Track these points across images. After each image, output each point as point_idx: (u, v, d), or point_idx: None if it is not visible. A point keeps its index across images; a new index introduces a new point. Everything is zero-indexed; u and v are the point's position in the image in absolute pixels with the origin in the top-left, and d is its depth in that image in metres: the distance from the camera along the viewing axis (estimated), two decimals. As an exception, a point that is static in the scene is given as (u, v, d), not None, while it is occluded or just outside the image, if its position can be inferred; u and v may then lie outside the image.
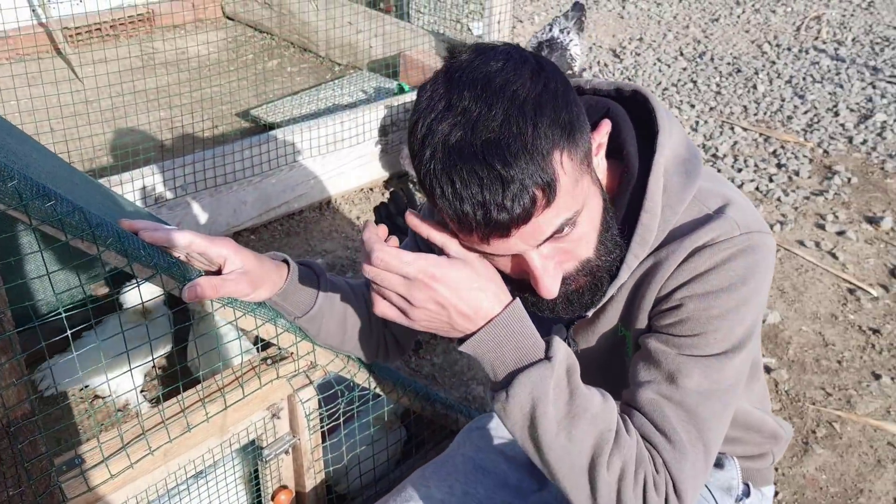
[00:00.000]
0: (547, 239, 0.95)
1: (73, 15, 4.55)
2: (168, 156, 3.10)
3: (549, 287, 0.98)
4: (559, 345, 0.99)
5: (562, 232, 0.95)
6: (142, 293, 1.99)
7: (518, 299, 1.00)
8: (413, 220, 1.00)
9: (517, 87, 0.88)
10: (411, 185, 3.39)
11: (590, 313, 1.11)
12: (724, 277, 1.02)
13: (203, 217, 3.07)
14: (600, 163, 1.03)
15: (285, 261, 1.26)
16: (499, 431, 1.54)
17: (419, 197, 2.98)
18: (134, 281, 2.01)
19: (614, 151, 1.09)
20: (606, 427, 0.99)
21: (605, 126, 1.02)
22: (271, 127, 3.73)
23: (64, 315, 1.13)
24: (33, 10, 4.41)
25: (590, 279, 1.04)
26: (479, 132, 0.86)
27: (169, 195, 2.95)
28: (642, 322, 1.10)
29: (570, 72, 3.66)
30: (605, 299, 1.09)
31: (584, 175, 0.94)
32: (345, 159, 3.43)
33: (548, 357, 0.98)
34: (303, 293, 1.26)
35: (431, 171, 0.89)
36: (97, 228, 1.08)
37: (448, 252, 0.99)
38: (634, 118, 1.10)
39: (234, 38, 5.03)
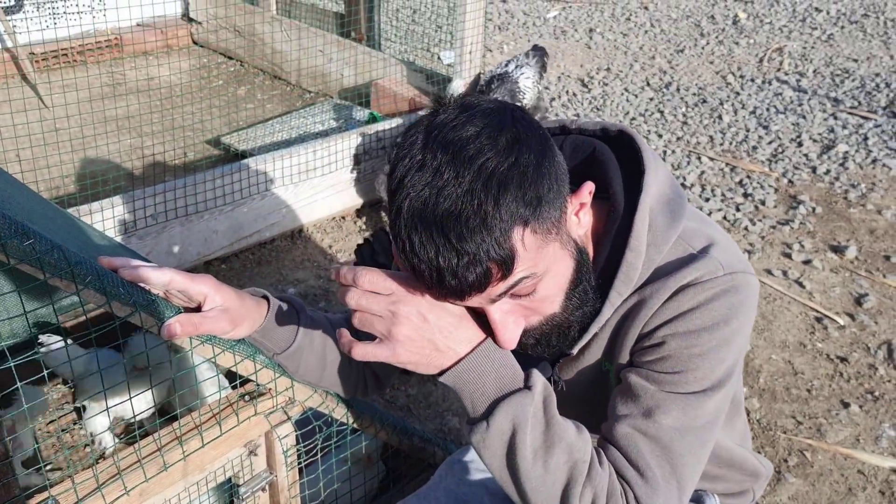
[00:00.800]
0: (503, 294, 0.96)
1: (42, 41, 4.51)
2: (138, 184, 3.07)
3: (508, 340, 1.01)
4: (537, 376, 1.01)
5: (519, 289, 0.96)
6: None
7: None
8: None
9: (487, 160, 0.89)
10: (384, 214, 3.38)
11: (574, 351, 1.12)
12: (707, 317, 1.04)
13: (174, 246, 3.04)
14: (582, 219, 1.04)
15: (265, 297, 1.25)
16: (481, 465, 1.53)
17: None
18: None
19: (600, 191, 1.10)
20: (581, 458, 1.00)
21: (587, 187, 1.03)
22: (242, 155, 3.71)
23: (41, 354, 1.11)
24: (-1, 36, 4.37)
25: (556, 329, 1.06)
26: (442, 200, 0.88)
27: (139, 224, 2.92)
28: (624, 357, 1.11)
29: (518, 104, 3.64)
30: (587, 338, 1.09)
31: (549, 243, 0.96)
32: (317, 188, 3.43)
33: (527, 386, 1.00)
34: (283, 330, 1.26)
35: (396, 224, 0.92)
36: (76, 267, 1.07)
37: None
38: (620, 158, 1.12)
39: (203, 66, 5.02)
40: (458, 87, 3.83)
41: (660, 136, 4.55)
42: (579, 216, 1.03)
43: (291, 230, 3.42)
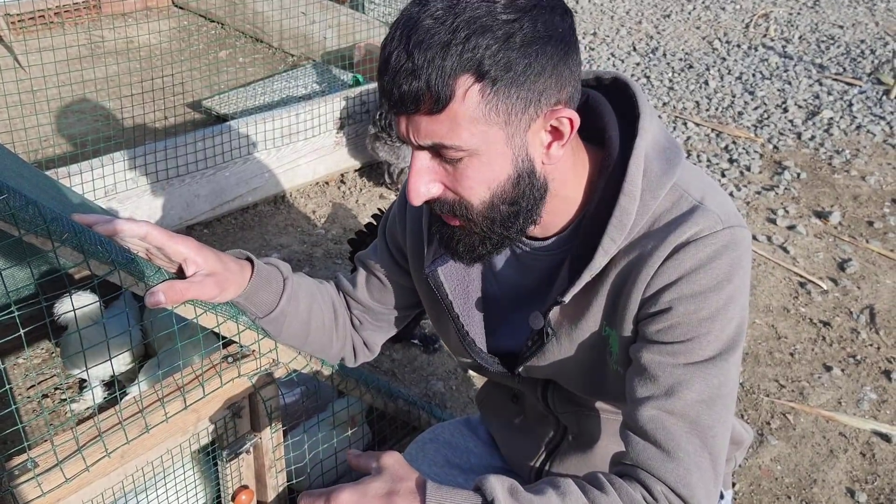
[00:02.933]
0: (426, 148, 0.96)
1: (17, 1, 4.40)
2: (118, 147, 3.02)
3: (413, 191, 0.99)
4: (488, 481, 0.94)
5: (440, 154, 0.96)
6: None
7: (427, 480, 0.93)
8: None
9: (490, 5, 0.90)
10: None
11: (566, 299, 1.08)
12: (711, 276, 1.00)
13: (155, 210, 3.00)
14: (553, 152, 0.99)
15: (249, 259, 1.21)
16: (454, 443, 1.51)
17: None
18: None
19: (595, 138, 1.08)
20: None
21: (566, 112, 0.96)
22: (224, 118, 3.66)
23: (16, 313, 1.08)
24: (-27, -4, 4.27)
25: (463, 224, 1.03)
26: (430, 16, 0.90)
27: (119, 188, 2.87)
28: (628, 326, 1.07)
29: None
30: (579, 286, 1.05)
31: (493, 126, 0.93)
32: (300, 152, 3.38)
33: (490, 502, 0.92)
34: (266, 294, 1.22)
35: (390, 27, 0.95)
36: (52, 223, 1.04)
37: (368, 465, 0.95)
38: (614, 105, 1.09)
39: (184, 28, 4.93)
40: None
41: (646, 101, 4.52)
42: (550, 147, 0.99)
43: (274, 195, 3.39)
